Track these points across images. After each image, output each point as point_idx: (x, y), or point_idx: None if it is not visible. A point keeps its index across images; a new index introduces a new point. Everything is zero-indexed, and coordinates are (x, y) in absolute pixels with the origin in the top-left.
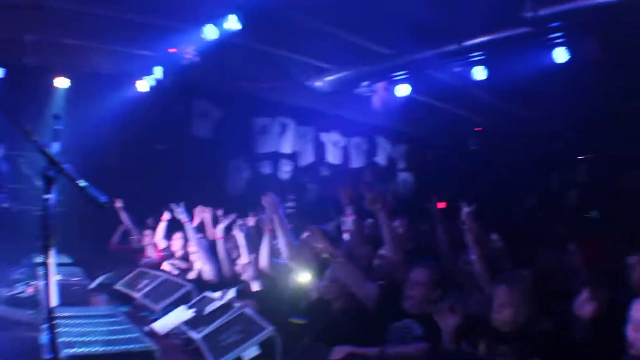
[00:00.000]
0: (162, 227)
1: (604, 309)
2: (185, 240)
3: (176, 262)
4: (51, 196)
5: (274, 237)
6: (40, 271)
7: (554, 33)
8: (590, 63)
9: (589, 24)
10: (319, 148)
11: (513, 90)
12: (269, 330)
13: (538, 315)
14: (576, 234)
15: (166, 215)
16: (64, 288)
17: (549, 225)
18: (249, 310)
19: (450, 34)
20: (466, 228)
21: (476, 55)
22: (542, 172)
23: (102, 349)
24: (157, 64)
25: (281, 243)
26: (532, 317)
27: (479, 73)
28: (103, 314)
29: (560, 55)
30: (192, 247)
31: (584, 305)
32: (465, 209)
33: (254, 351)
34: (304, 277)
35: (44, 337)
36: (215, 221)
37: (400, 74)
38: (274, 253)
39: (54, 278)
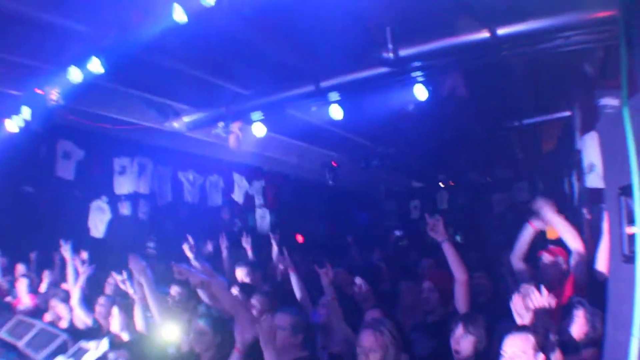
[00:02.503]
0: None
1: (484, 344)
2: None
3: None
4: None
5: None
6: None
7: (414, 72)
8: (451, 98)
9: (450, 63)
10: (177, 187)
11: (371, 126)
12: None
13: (399, 353)
14: (432, 269)
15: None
16: None
17: (411, 255)
18: None
19: (307, 75)
20: (322, 272)
21: (334, 96)
22: (403, 203)
23: None
24: (24, 104)
25: (153, 308)
26: (397, 356)
27: (336, 112)
28: None
29: (421, 92)
30: (71, 289)
31: (461, 341)
32: (323, 270)
33: None
34: (172, 331)
35: None
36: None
37: (256, 114)
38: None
39: None
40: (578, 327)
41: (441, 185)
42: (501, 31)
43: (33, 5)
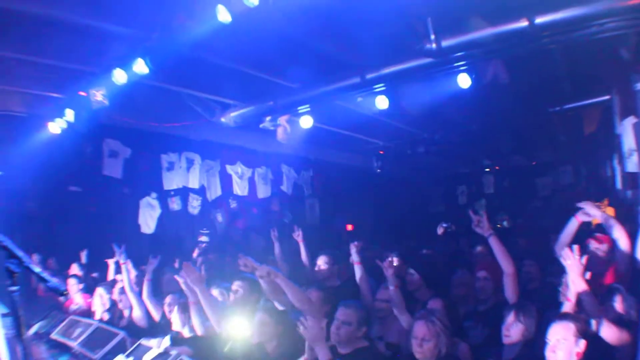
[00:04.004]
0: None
1: (532, 332)
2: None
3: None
4: (16, 288)
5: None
6: None
7: (457, 61)
8: (494, 85)
9: (491, 52)
10: (226, 181)
11: (416, 114)
12: None
13: (454, 339)
14: (485, 257)
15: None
16: (10, 342)
17: (461, 243)
18: (186, 358)
19: (353, 67)
20: (385, 264)
21: (379, 87)
22: (450, 189)
23: None
24: (67, 106)
25: (208, 314)
26: (449, 343)
27: (382, 102)
28: None
29: (464, 80)
30: (127, 291)
31: (511, 328)
32: (386, 262)
33: None
34: (237, 326)
35: None
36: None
37: (304, 108)
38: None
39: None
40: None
41: (487, 169)
42: (539, 20)
43: (74, 10)
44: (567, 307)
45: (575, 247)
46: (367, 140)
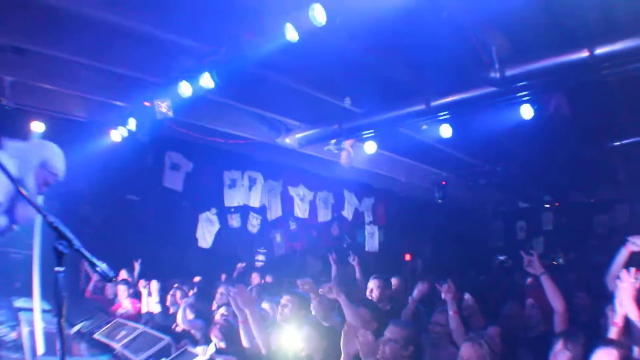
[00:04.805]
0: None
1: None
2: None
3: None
4: (62, 269)
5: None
6: (23, 316)
7: (520, 92)
8: (555, 117)
9: (555, 82)
10: (287, 202)
11: (479, 145)
12: None
13: None
14: (535, 287)
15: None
16: (48, 337)
17: (514, 277)
18: None
19: (417, 93)
20: (445, 289)
21: (443, 114)
22: (510, 223)
23: None
24: (130, 115)
25: (256, 336)
26: None
27: (445, 130)
28: None
29: (527, 111)
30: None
31: (558, 356)
32: (445, 286)
33: None
34: (286, 340)
35: None
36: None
37: (368, 133)
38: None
39: (39, 326)
40: None
41: (547, 205)
42: (599, 50)
43: (143, 20)
44: (614, 332)
45: (632, 269)
46: (429, 170)
